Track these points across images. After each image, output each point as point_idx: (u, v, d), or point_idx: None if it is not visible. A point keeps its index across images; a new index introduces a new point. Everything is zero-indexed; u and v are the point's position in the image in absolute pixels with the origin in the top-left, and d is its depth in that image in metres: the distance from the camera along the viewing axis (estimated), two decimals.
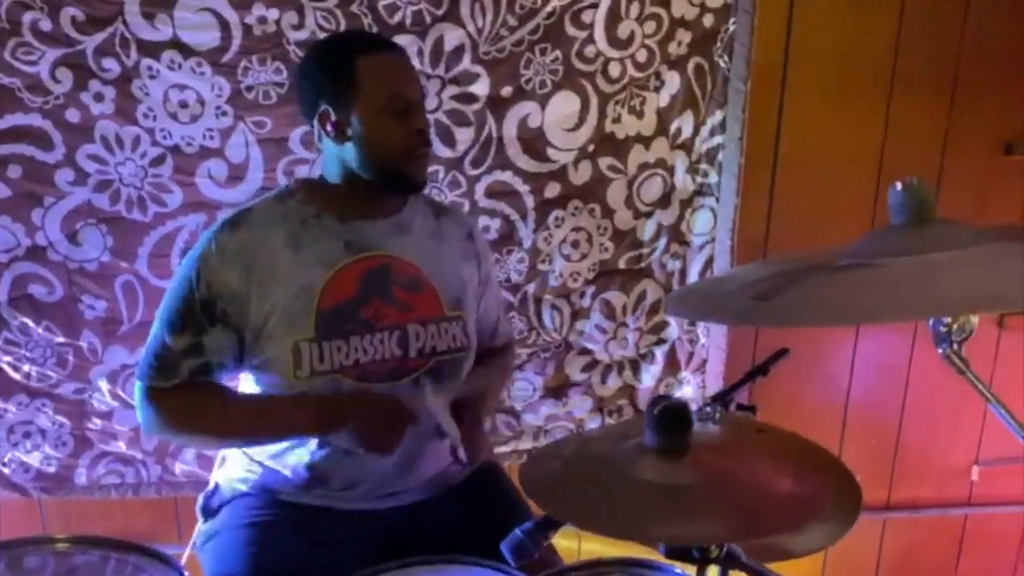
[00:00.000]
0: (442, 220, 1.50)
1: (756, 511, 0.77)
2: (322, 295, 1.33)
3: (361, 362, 1.35)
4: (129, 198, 1.79)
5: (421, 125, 1.38)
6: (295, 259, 1.34)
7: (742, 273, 1.07)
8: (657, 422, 0.83)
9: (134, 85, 1.73)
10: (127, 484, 1.96)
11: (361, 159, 1.36)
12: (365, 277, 1.37)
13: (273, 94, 1.77)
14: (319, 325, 1.33)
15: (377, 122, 1.34)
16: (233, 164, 1.80)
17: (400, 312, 1.37)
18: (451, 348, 1.42)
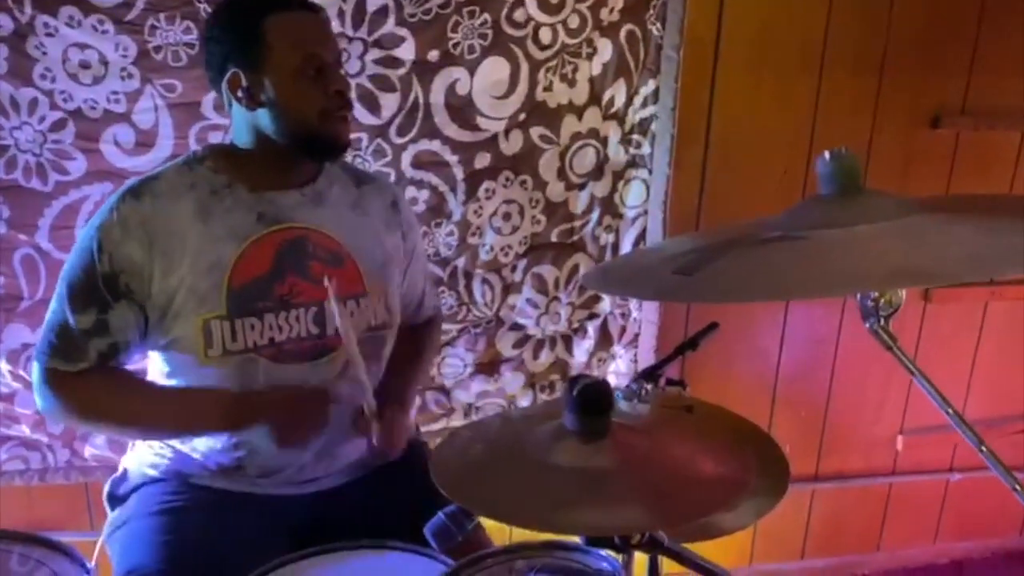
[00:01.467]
0: (364, 189, 1.43)
1: (680, 495, 0.74)
2: (233, 270, 1.26)
3: (276, 340, 1.28)
4: (27, 165, 1.67)
5: (340, 86, 1.29)
6: (204, 232, 1.26)
7: (665, 247, 1.03)
8: (576, 402, 0.78)
9: (29, 43, 1.60)
10: (32, 470, 1.85)
11: (277, 125, 1.28)
12: (280, 251, 1.30)
13: (183, 55, 1.66)
14: (230, 302, 1.25)
15: (291, 85, 1.26)
16: (141, 130, 1.69)
17: (317, 288, 1.30)
18: (372, 326, 1.36)
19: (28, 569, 1.24)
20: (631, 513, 0.73)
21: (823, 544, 2.49)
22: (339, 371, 1.33)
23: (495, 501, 0.75)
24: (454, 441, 0.89)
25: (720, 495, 0.73)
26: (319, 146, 1.31)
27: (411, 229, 1.51)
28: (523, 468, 0.79)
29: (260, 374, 1.28)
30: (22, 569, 1.24)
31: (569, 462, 0.76)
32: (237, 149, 1.34)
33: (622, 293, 1.33)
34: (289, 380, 1.30)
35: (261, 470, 1.34)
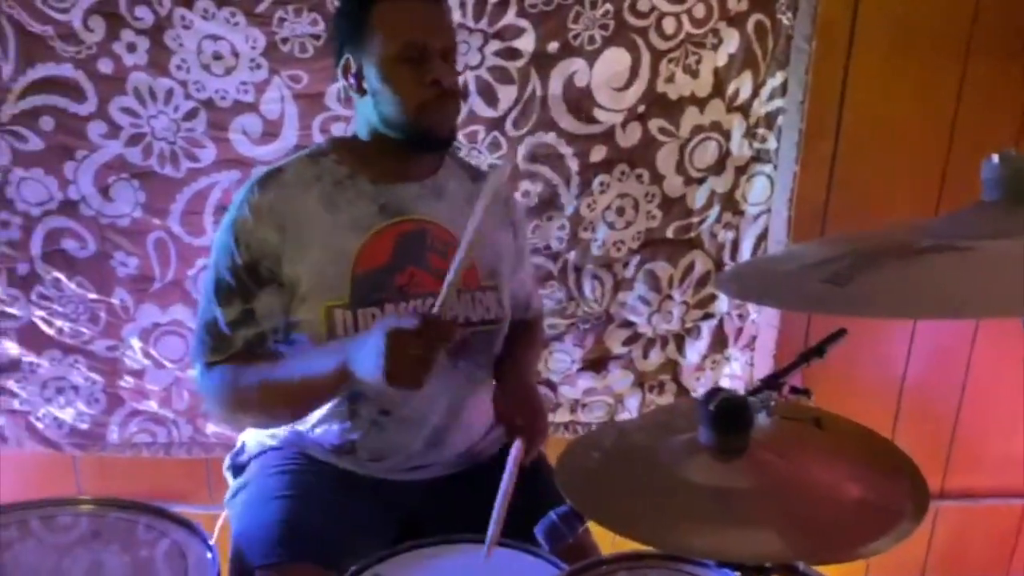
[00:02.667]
0: (480, 184, 1.41)
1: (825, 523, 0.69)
2: (357, 260, 1.28)
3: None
4: (162, 152, 1.74)
5: (437, 75, 1.27)
6: (330, 221, 1.29)
7: (801, 252, 0.97)
8: (713, 418, 0.74)
9: (167, 35, 1.67)
10: (158, 443, 1.94)
11: (378, 114, 1.30)
12: (400, 242, 1.31)
13: (309, 47, 1.70)
14: (354, 291, 1.27)
15: (389, 73, 1.27)
16: (268, 120, 1.74)
17: (435, 280, 1.30)
18: (485, 320, 1.36)
19: (152, 538, 1.31)
20: (769, 540, 0.68)
21: (946, 567, 2.34)
22: (449, 363, 1.32)
23: (620, 513, 0.72)
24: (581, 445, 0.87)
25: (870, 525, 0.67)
26: (418, 138, 1.31)
27: (521, 228, 1.51)
28: (652, 481, 0.75)
29: None
30: (147, 537, 1.31)
31: (702, 479, 0.72)
32: (359, 141, 1.36)
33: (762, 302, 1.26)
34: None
35: (372, 453, 1.36)
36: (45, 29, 1.64)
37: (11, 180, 1.72)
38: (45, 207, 1.75)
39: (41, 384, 1.86)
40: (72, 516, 1.35)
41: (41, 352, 1.83)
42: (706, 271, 1.97)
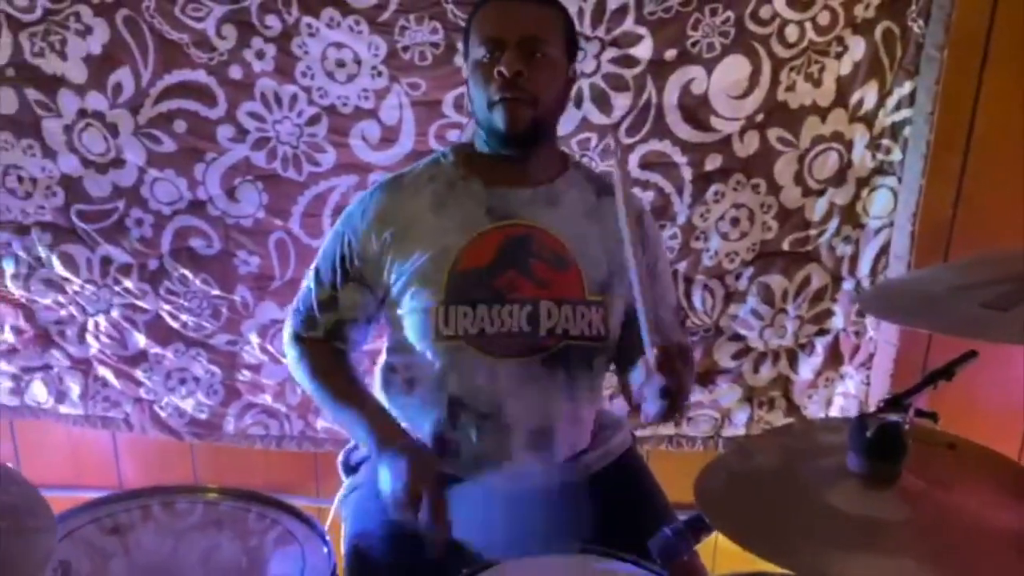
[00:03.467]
0: (605, 200, 1.38)
1: (977, 555, 0.65)
2: (457, 259, 1.30)
3: (487, 332, 1.29)
4: (285, 156, 1.80)
5: (502, 67, 1.25)
6: (436, 222, 1.31)
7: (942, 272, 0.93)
8: (867, 445, 0.71)
9: (294, 43, 1.73)
10: (271, 436, 2.01)
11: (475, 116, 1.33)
12: (504, 245, 1.31)
13: (429, 54, 1.73)
14: (449, 289, 1.29)
15: (473, 72, 1.30)
16: (386, 126, 1.78)
17: (535, 287, 1.31)
18: (585, 335, 1.33)
19: (264, 526, 1.35)
20: (920, 572, 0.65)
21: None
22: (546, 373, 1.32)
23: (762, 534, 0.70)
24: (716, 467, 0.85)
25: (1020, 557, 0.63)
26: (492, 137, 1.31)
27: (654, 249, 1.44)
28: (794, 505, 0.73)
29: (470, 362, 1.30)
30: (258, 526, 1.36)
31: (850, 507, 0.70)
32: (475, 147, 1.38)
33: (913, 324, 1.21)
34: (496, 373, 1.31)
35: (474, 457, 1.36)
36: (181, 37, 1.72)
37: (145, 180, 1.81)
38: (175, 206, 1.83)
39: (165, 375, 1.96)
40: (189, 503, 1.42)
41: (166, 344, 1.93)
42: (823, 285, 1.90)
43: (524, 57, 1.26)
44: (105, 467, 2.08)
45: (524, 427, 1.34)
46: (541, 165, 1.37)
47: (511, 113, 1.27)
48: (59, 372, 1.96)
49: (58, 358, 1.95)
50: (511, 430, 1.34)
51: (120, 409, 1.99)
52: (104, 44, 1.72)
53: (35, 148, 1.79)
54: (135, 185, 1.81)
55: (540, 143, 1.35)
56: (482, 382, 1.31)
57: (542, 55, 1.28)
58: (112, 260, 1.86)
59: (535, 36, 1.28)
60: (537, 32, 1.28)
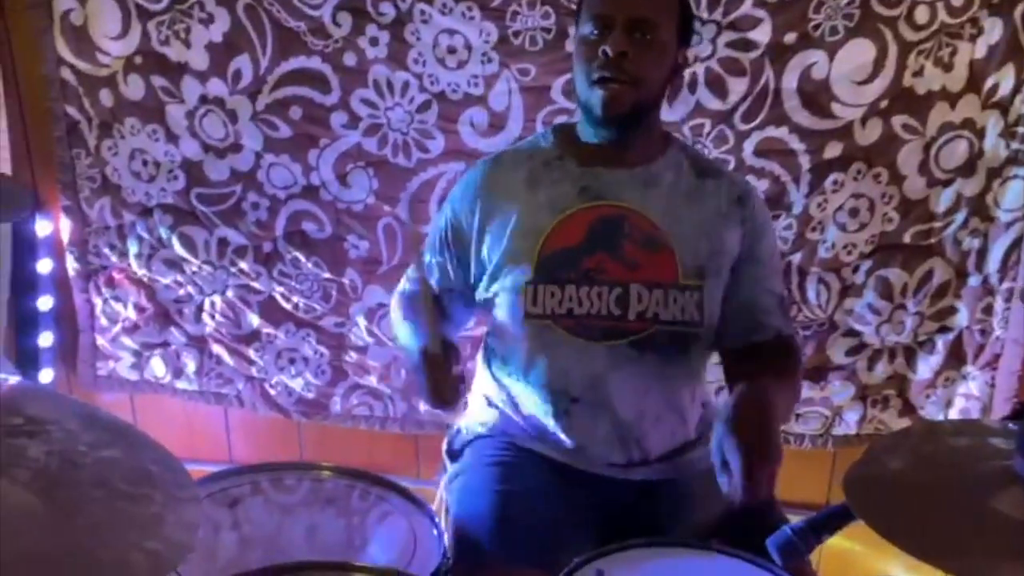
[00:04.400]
0: (706, 181, 1.35)
1: None
2: (547, 238, 1.28)
3: (575, 313, 1.28)
4: (395, 143, 1.83)
5: (607, 46, 1.22)
6: (529, 199, 1.31)
7: None
8: None
9: (407, 30, 1.74)
10: (375, 417, 2.05)
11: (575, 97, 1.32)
12: (595, 226, 1.29)
13: (540, 39, 1.72)
14: (538, 268, 1.28)
15: (576, 49, 1.29)
16: (494, 112, 1.78)
17: (626, 269, 1.28)
18: (677, 320, 1.28)
19: (369, 505, 1.38)
20: None
21: None
22: (636, 357, 1.29)
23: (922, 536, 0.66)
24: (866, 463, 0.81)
25: None
26: (589, 116, 1.29)
27: (758, 232, 1.36)
28: (953, 505, 0.69)
29: (559, 343, 1.29)
30: (364, 505, 1.38)
31: (1016, 513, 0.65)
32: (575, 127, 1.37)
33: None
34: (585, 355, 1.29)
35: (570, 441, 1.35)
36: (299, 24, 1.76)
37: (262, 165, 1.86)
38: (289, 191, 1.88)
39: (276, 354, 2.02)
40: (296, 479, 1.45)
41: (278, 325, 1.99)
42: (945, 280, 1.81)
43: (631, 38, 1.23)
44: (217, 442, 2.16)
45: (615, 412, 1.31)
46: (640, 146, 1.33)
47: (610, 94, 1.24)
48: (176, 349, 2.05)
49: (176, 335, 2.03)
50: (602, 415, 1.32)
51: (233, 386, 2.06)
52: (225, 32, 1.77)
53: (159, 133, 1.86)
54: (252, 170, 1.87)
55: (639, 125, 1.31)
56: (571, 363, 1.30)
57: (651, 37, 1.25)
58: (229, 242, 1.92)
59: (645, 17, 1.24)
60: (648, 13, 1.25)
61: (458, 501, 1.40)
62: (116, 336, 2.04)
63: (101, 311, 2.03)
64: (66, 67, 1.85)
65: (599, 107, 1.25)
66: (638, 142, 1.33)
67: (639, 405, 1.31)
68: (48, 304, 2.04)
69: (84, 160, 1.91)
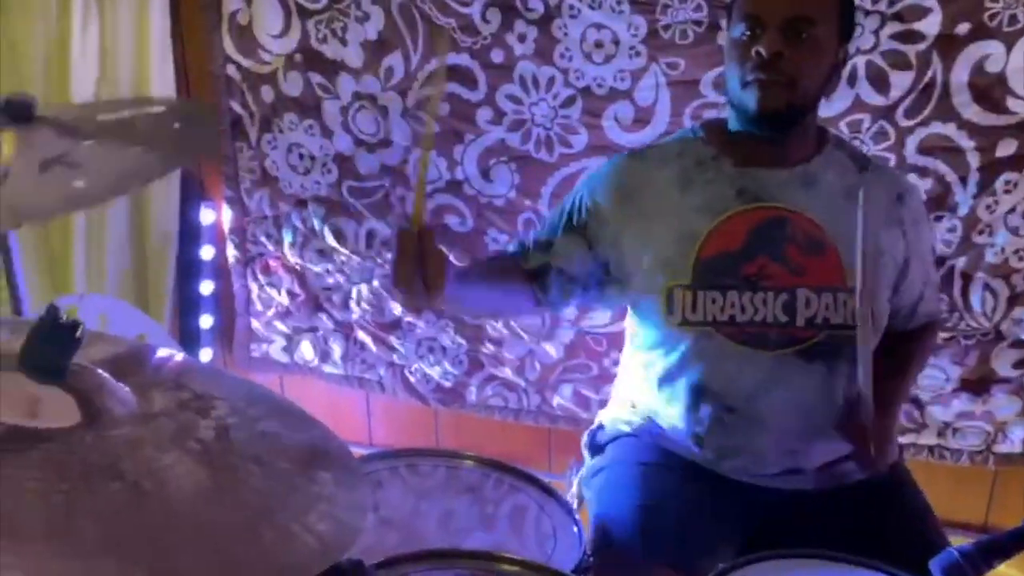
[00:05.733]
0: (866, 177, 1.30)
1: None
2: (704, 242, 1.25)
3: (738, 320, 1.24)
4: (538, 138, 1.84)
5: (761, 47, 1.18)
6: (681, 201, 1.28)
7: None
8: None
9: (555, 25, 1.74)
10: (509, 408, 2.08)
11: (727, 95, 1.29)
12: (755, 229, 1.25)
13: (690, 33, 1.68)
14: (696, 273, 1.25)
15: (728, 49, 1.25)
16: (640, 107, 1.76)
17: (790, 274, 1.24)
18: (849, 323, 1.24)
19: (501, 494, 1.40)
20: None
21: None
22: (803, 367, 1.25)
23: None
24: None
25: None
26: (742, 117, 1.25)
27: (917, 227, 1.35)
28: None
29: (719, 351, 1.26)
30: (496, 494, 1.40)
31: None
32: (727, 124, 1.33)
33: None
34: (747, 364, 1.25)
35: (718, 451, 1.32)
36: (449, 21, 1.79)
37: (410, 160, 1.92)
38: (434, 185, 1.92)
39: (416, 342, 2.08)
40: (431, 466, 1.48)
41: (419, 314, 2.04)
42: None
43: (787, 37, 1.19)
44: (359, 425, 2.25)
45: (775, 425, 1.28)
46: (797, 144, 1.29)
47: (764, 96, 1.21)
48: (324, 334, 2.14)
49: (324, 321, 2.12)
50: (760, 426, 1.28)
51: (375, 371, 2.14)
52: (379, 30, 1.83)
53: (315, 128, 1.95)
54: (400, 164, 1.92)
55: (795, 125, 1.27)
56: (731, 372, 1.27)
57: (808, 36, 1.20)
58: (376, 234, 1.99)
59: (803, 16, 1.20)
60: (806, 11, 1.20)
61: (599, 498, 1.40)
62: (270, 320, 2.15)
63: (257, 296, 2.15)
64: (231, 64, 1.96)
65: (753, 106, 1.22)
66: (796, 140, 1.29)
67: (802, 417, 1.27)
68: (209, 288, 2.18)
69: (246, 153, 2.02)
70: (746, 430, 1.28)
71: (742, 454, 1.32)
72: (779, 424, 1.27)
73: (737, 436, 1.30)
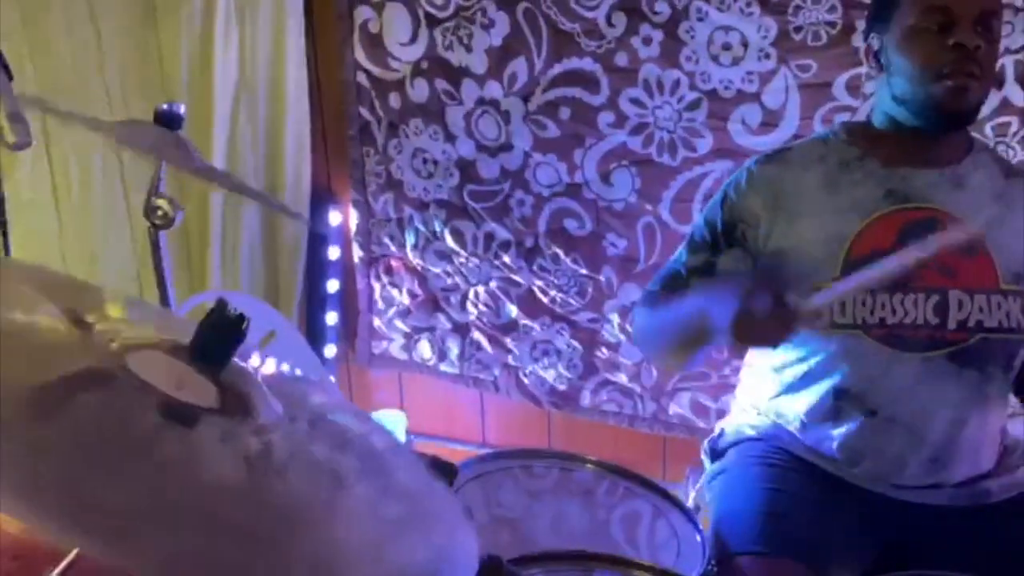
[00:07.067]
0: (1013, 181, 1.26)
1: None
2: (853, 243, 1.21)
3: (888, 322, 1.19)
4: (661, 141, 1.82)
5: (962, 40, 1.13)
6: (828, 202, 1.24)
7: None
8: None
9: (681, 28, 1.73)
10: (623, 414, 2.07)
11: (892, 90, 1.21)
12: (905, 230, 1.20)
13: (823, 34, 1.64)
14: (845, 274, 1.20)
15: (906, 42, 1.18)
16: (768, 110, 1.73)
17: (941, 275, 1.18)
18: (1004, 327, 1.18)
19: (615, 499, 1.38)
20: None
21: None
22: (954, 372, 1.20)
23: None
24: None
25: None
26: (928, 110, 1.18)
27: None
28: None
29: (867, 353, 1.21)
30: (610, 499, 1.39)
31: None
32: (871, 126, 1.29)
33: None
34: (895, 367, 1.20)
35: (850, 455, 1.27)
36: (574, 26, 1.80)
37: (530, 164, 1.94)
38: (554, 189, 1.94)
39: (531, 345, 2.10)
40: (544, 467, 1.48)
41: (535, 317, 2.06)
42: None
43: (978, 32, 1.15)
44: (473, 424, 2.28)
45: (921, 432, 1.22)
46: (948, 145, 1.25)
47: (962, 91, 1.17)
48: (442, 334, 2.19)
49: (442, 321, 2.17)
50: (903, 431, 1.23)
51: (490, 372, 2.17)
52: (504, 36, 1.86)
53: (439, 134, 2.00)
54: (520, 168, 1.95)
55: (970, 124, 1.24)
56: (877, 375, 1.22)
57: (992, 31, 1.17)
58: (495, 236, 2.02)
59: (993, 10, 1.17)
60: (996, 6, 1.17)
61: (720, 496, 1.37)
62: (391, 319, 2.22)
63: (379, 295, 2.22)
64: (362, 72, 2.03)
65: (951, 102, 1.17)
66: (948, 140, 1.25)
67: (951, 425, 1.22)
68: (335, 287, 2.26)
69: (372, 158, 2.09)
70: (886, 434, 1.24)
71: (881, 460, 1.26)
72: (925, 431, 1.22)
73: (878, 440, 1.25)
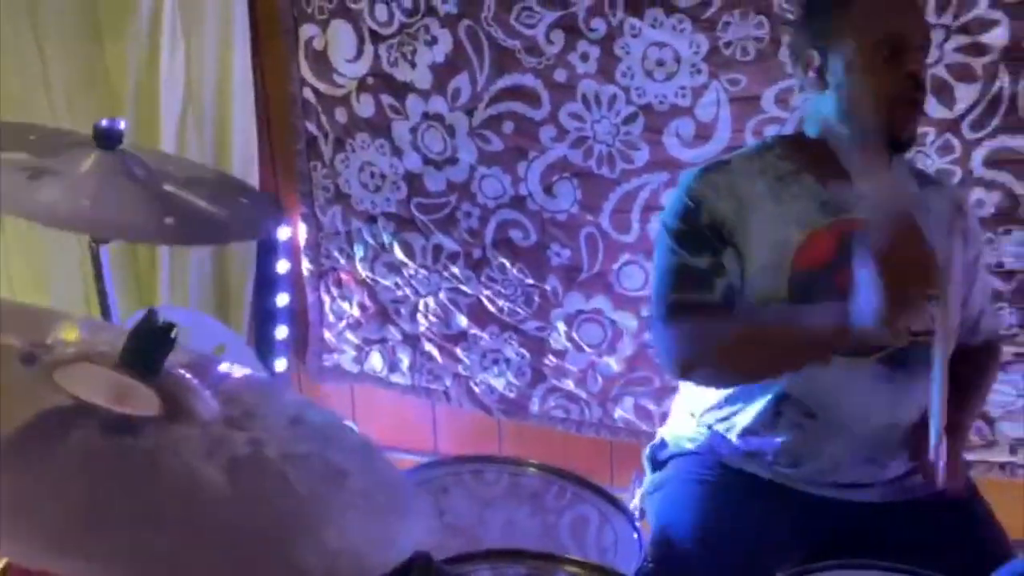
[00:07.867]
0: (927, 190, 1.33)
1: None
2: (797, 254, 1.26)
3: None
4: (600, 154, 1.88)
5: (915, 68, 1.20)
6: (774, 211, 1.28)
7: None
8: None
9: (617, 44, 1.79)
10: (571, 420, 2.11)
11: (839, 109, 1.26)
12: (843, 241, 1.25)
13: (751, 50, 1.71)
14: (792, 286, 1.26)
15: (860, 65, 1.23)
16: (701, 123, 1.79)
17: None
18: (928, 330, 1.23)
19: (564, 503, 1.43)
20: None
21: None
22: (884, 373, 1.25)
23: None
24: None
25: None
26: (879, 136, 1.24)
27: (975, 239, 1.37)
28: None
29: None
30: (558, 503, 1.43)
31: None
32: (805, 138, 1.34)
33: None
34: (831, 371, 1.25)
35: (789, 459, 1.32)
36: (514, 43, 1.86)
37: (475, 177, 1.98)
38: (499, 201, 1.98)
39: (481, 354, 2.13)
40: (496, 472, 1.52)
41: (484, 326, 2.10)
42: None
43: (920, 57, 1.24)
44: (424, 434, 2.31)
45: (857, 433, 1.29)
46: (873, 157, 1.28)
47: (912, 116, 1.24)
48: (393, 345, 2.21)
49: (393, 333, 2.20)
50: (841, 434, 1.29)
51: (441, 382, 2.19)
52: (447, 53, 1.91)
53: (386, 147, 2.03)
54: (466, 181, 1.99)
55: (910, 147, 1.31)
56: (815, 379, 1.27)
57: (925, 55, 1.25)
58: (443, 248, 2.06)
59: (929, 37, 1.26)
60: (929, 39, 1.27)
61: (659, 514, 1.42)
62: (341, 332, 2.24)
63: (329, 308, 2.24)
64: (308, 88, 2.06)
65: (901, 127, 1.24)
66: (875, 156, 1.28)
67: (886, 426, 1.28)
68: (284, 301, 2.27)
69: (320, 172, 2.12)
70: (824, 437, 1.29)
71: (820, 461, 1.32)
72: (861, 432, 1.28)
73: (818, 443, 1.30)
